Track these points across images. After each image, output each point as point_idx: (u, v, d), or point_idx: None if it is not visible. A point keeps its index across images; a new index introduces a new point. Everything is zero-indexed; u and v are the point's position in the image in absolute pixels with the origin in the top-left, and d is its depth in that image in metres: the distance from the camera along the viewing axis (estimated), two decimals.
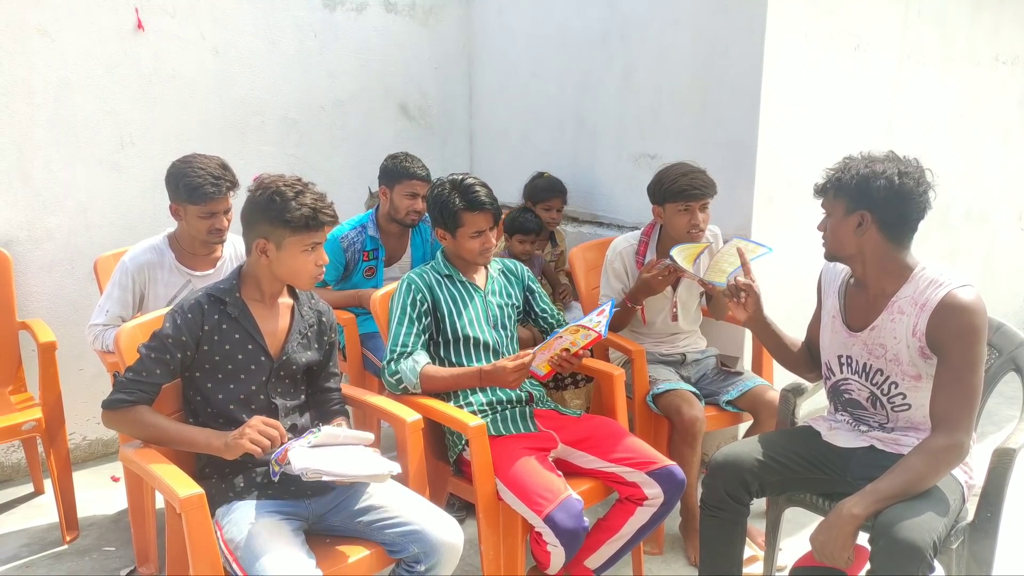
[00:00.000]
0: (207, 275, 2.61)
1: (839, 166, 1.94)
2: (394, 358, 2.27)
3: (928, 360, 1.89)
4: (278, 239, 1.90)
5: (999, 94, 4.13)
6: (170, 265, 2.57)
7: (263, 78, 3.51)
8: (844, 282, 2.07)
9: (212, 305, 1.93)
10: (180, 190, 2.46)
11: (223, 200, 2.50)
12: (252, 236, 1.94)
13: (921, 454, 1.81)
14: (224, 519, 1.83)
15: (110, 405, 1.86)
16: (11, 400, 2.80)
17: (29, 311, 3.03)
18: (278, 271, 1.95)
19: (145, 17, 3.15)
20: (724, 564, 2.10)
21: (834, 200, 1.93)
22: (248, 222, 1.94)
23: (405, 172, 3.03)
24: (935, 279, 1.87)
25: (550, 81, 3.84)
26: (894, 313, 1.91)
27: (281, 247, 1.91)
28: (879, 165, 1.87)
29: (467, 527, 2.72)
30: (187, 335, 1.88)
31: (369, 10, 3.79)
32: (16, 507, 2.96)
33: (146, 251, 2.56)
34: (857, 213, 1.89)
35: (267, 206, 1.88)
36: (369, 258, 3.07)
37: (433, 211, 2.38)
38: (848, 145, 2.05)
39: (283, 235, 1.90)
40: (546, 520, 2.00)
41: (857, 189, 1.87)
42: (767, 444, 2.10)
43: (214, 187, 2.45)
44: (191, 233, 2.54)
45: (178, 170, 2.48)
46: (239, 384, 1.94)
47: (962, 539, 1.92)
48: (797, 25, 3.02)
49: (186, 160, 2.50)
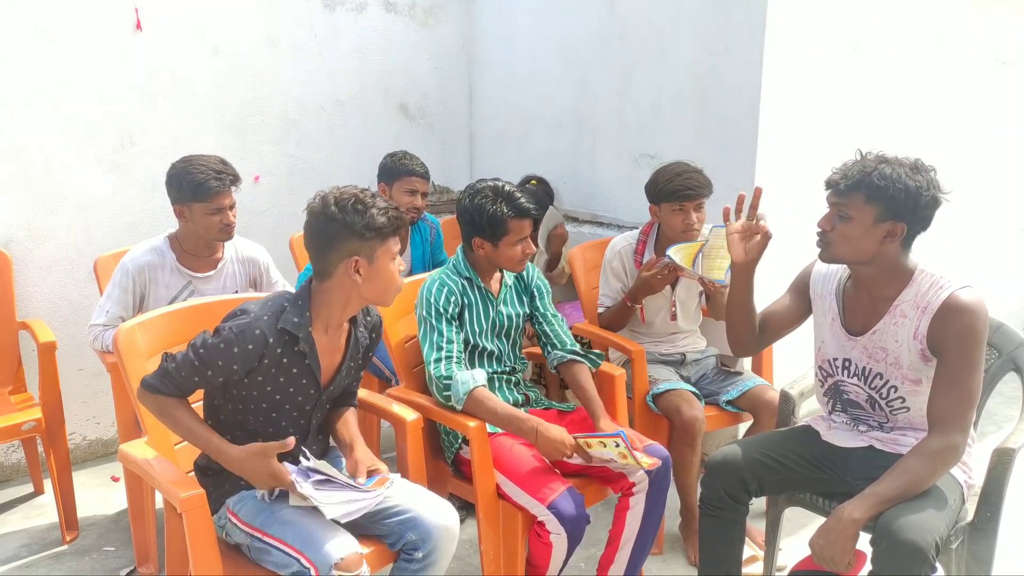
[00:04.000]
0: (208, 276, 2.61)
1: (867, 168, 1.82)
2: (443, 358, 2.19)
3: (928, 363, 1.89)
4: (369, 252, 1.79)
5: (999, 94, 4.13)
6: (171, 267, 2.56)
7: (263, 78, 3.51)
8: (841, 284, 2.05)
9: (278, 340, 1.79)
10: (184, 189, 2.45)
11: (227, 194, 2.50)
12: (338, 257, 1.79)
13: (918, 456, 1.81)
14: (237, 507, 1.84)
15: (148, 388, 1.79)
16: (11, 400, 2.80)
17: (29, 311, 3.03)
18: (368, 290, 1.83)
19: (145, 17, 3.15)
20: (724, 564, 2.10)
21: (864, 204, 1.81)
22: (327, 242, 1.79)
23: (404, 169, 3.04)
24: (936, 281, 1.87)
25: (550, 81, 3.84)
26: (896, 317, 1.90)
27: (373, 260, 1.79)
28: (920, 176, 1.80)
29: (467, 527, 2.72)
30: (239, 365, 1.77)
31: (369, 10, 3.79)
32: (16, 507, 2.96)
33: (147, 253, 2.55)
34: (891, 223, 1.82)
35: (352, 218, 1.75)
36: None
37: (475, 219, 2.25)
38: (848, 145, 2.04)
39: (375, 246, 1.79)
40: (550, 507, 2.02)
41: (895, 200, 1.78)
42: (766, 444, 2.10)
43: (217, 181, 2.45)
44: (198, 233, 2.53)
45: (179, 170, 2.48)
46: (281, 412, 1.88)
47: (962, 539, 1.92)
48: (797, 25, 3.02)
49: (185, 160, 2.51)
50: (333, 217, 1.77)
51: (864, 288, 1.97)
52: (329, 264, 1.80)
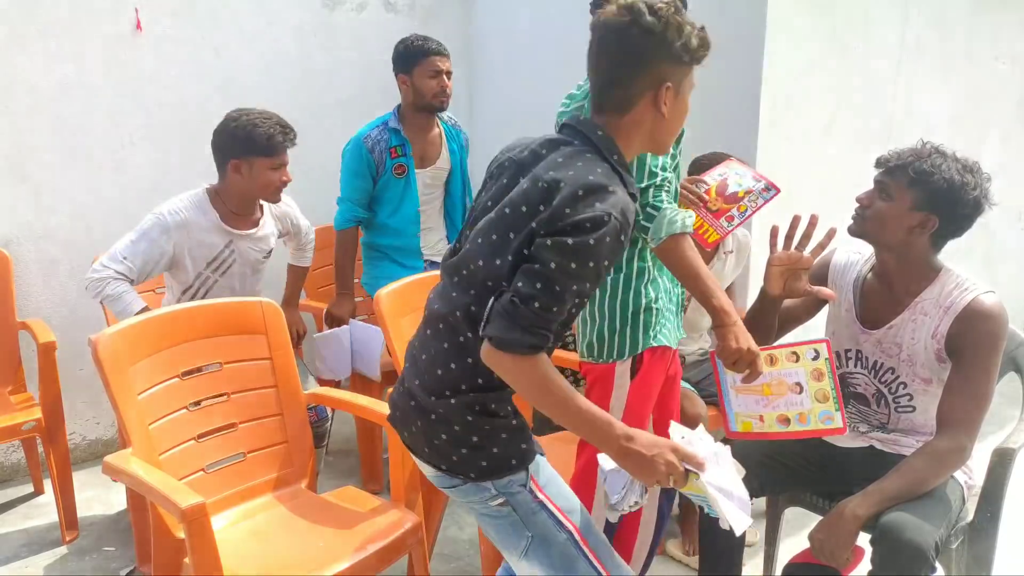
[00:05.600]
0: (250, 234, 2.54)
1: (920, 154, 1.82)
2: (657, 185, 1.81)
3: (943, 364, 1.89)
4: (679, 80, 1.49)
5: (999, 94, 4.13)
6: (213, 225, 2.44)
7: (263, 78, 3.51)
8: (860, 276, 2.04)
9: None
10: (253, 142, 2.36)
11: (287, 153, 2.46)
12: (647, 84, 1.44)
13: (924, 456, 1.81)
14: (539, 477, 1.49)
15: (514, 347, 1.30)
16: (11, 400, 2.80)
17: (29, 311, 3.03)
18: (665, 130, 1.51)
19: (145, 17, 3.15)
20: (724, 564, 2.09)
21: (906, 188, 1.81)
22: (639, 62, 1.43)
23: (422, 51, 2.82)
24: (961, 283, 1.87)
25: (550, 81, 3.83)
26: (917, 314, 1.90)
27: (679, 91, 1.51)
28: (970, 177, 1.81)
29: (467, 527, 2.72)
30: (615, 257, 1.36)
31: (369, 10, 3.79)
32: (16, 507, 2.95)
33: (189, 208, 2.40)
34: (925, 213, 1.82)
35: (672, 34, 1.43)
36: (397, 154, 2.90)
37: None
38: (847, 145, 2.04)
39: (684, 73, 1.51)
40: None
41: (936, 190, 1.79)
42: (766, 444, 2.10)
43: (283, 136, 2.42)
44: (252, 190, 2.43)
45: (243, 123, 2.38)
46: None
47: (962, 539, 1.92)
48: (797, 25, 3.02)
49: (245, 112, 2.42)
50: (651, 30, 1.40)
51: (887, 282, 1.96)
52: (632, 92, 1.43)
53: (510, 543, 1.49)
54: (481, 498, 1.47)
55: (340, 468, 3.20)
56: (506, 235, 1.37)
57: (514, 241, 1.36)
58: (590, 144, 1.44)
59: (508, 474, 1.44)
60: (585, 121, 1.47)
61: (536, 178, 1.38)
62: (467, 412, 1.42)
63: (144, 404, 1.96)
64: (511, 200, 1.40)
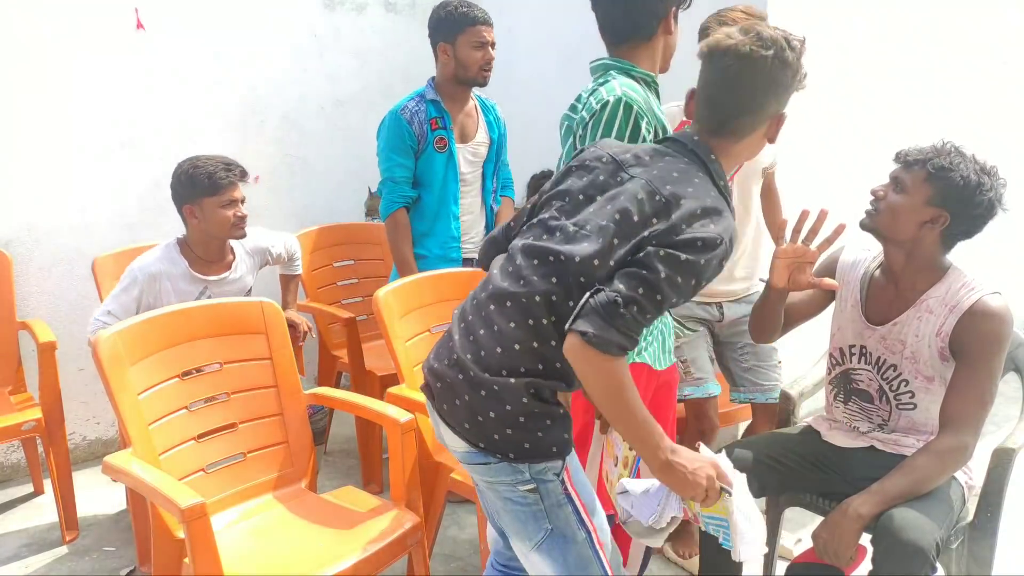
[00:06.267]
0: (223, 278, 2.58)
1: (940, 150, 1.84)
2: None
3: (945, 363, 1.89)
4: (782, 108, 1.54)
5: (999, 94, 4.13)
6: (185, 274, 2.51)
7: (263, 78, 3.51)
8: (867, 272, 2.04)
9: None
10: (196, 185, 2.43)
11: (237, 187, 2.48)
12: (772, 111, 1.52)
13: (927, 455, 1.81)
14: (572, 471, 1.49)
15: (607, 347, 1.30)
16: (11, 400, 2.79)
17: (29, 311, 3.03)
18: (749, 154, 1.58)
19: (144, 17, 3.15)
20: (724, 564, 2.09)
21: (923, 183, 1.82)
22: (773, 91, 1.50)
23: (467, 18, 2.61)
24: (968, 283, 1.88)
25: (550, 82, 3.84)
26: (922, 311, 1.91)
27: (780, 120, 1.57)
28: (987, 179, 1.81)
29: (467, 527, 2.72)
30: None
31: (369, 10, 3.79)
32: (16, 507, 2.95)
33: (158, 261, 2.49)
34: (938, 209, 1.83)
35: (797, 67, 1.52)
36: (437, 126, 2.74)
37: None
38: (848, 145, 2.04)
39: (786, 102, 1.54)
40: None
41: (951, 187, 1.79)
42: (766, 444, 2.10)
43: (227, 173, 2.45)
44: (211, 232, 2.49)
45: (185, 169, 2.46)
46: None
47: (962, 539, 1.92)
48: (797, 24, 3.01)
49: (190, 159, 2.49)
50: (790, 64, 1.45)
51: (894, 279, 1.97)
52: (758, 120, 1.49)
53: (526, 533, 1.48)
54: (512, 480, 1.45)
55: (340, 468, 3.20)
56: (612, 240, 1.39)
57: (619, 247, 1.38)
58: (701, 165, 1.47)
59: (545, 460, 1.44)
60: (699, 142, 1.49)
61: (653, 191, 1.40)
62: (523, 394, 1.41)
63: (144, 404, 1.96)
64: (622, 207, 1.40)
